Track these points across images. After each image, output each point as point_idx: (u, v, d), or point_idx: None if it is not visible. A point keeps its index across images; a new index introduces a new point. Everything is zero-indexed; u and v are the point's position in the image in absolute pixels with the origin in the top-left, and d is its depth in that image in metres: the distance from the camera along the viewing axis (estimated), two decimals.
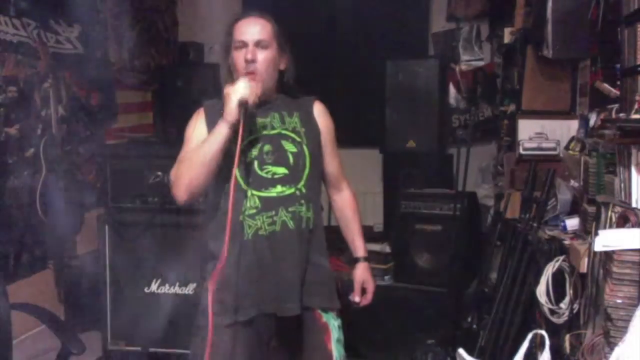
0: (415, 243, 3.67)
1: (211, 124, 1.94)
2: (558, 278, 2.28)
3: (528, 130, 3.05)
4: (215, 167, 1.87)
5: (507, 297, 2.72)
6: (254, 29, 1.95)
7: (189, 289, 3.24)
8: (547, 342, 1.99)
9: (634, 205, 1.82)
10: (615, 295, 1.75)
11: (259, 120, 1.98)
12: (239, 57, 1.94)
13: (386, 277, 3.78)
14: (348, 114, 4.66)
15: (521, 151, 3.02)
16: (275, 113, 2.01)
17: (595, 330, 1.96)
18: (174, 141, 3.70)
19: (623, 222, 1.82)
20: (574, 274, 2.17)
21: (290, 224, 1.93)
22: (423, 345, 3.19)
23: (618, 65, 2.15)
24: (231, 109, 1.83)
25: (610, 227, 1.90)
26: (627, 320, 1.65)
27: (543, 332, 2.05)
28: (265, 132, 1.97)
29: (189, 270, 3.19)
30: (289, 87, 2.08)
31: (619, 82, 2.16)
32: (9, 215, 3.44)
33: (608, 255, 1.81)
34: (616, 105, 2.16)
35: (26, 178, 3.55)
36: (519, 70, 3.25)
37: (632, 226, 1.76)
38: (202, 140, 1.90)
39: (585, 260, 2.01)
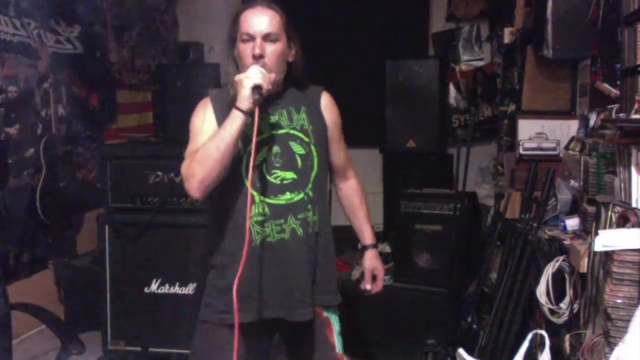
0: (415, 243, 3.66)
1: (220, 114, 1.87)
2: (558, 278, 2.28)
3: (528, 130, 3.05)
4: (230, 159, 1.80)
5: (507, 297, 2.72)
6: (262, 21, 1.85)
7: (189, 289, 3.24)
8: (547, 342, 2.00)
9: (634, 205, 1.82)
10: (615, 295, 1.75)
11: (266, 117, 1.91)
12: (246, 51, 1.85)
13: (386, 277, 3.75)
14: (348, 114, 4.65)
15: (521, 151, 3.02)
16: (283, 110, 1.94)
17: (595, 330, 1.96)
18: (174, 141, 3.71)
19: (623, 222, 1.82)
20: (574, 274, 2.17)
21: (300, 231, 1.91)
22: (423, 345, 3.18)
23: (618, 65, 2.15)
24: (245, 95, 1.76)
25: (610, 227, 1.89)
26: (627, 320, 1.66)
27: (543, 332, 2.06)
28: (273, 132, 1.91)
29: (189, 270, 3.19)
30: (297, 79, 2.00)
31: (619, 82, 2.15)
32: (9, 215, 3.44)
33: (608, 255, 1.81)
34: (616, 105, 2.16)
35: (26, 178, 3.55)
36: (519, 70, 3.25)
37: (632, 226, 1.76)
38: (214, 133, 1.83)
39: (585, 260, 2.01)
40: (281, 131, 1.92)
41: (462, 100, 5.03)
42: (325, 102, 2.05)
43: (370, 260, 2.19)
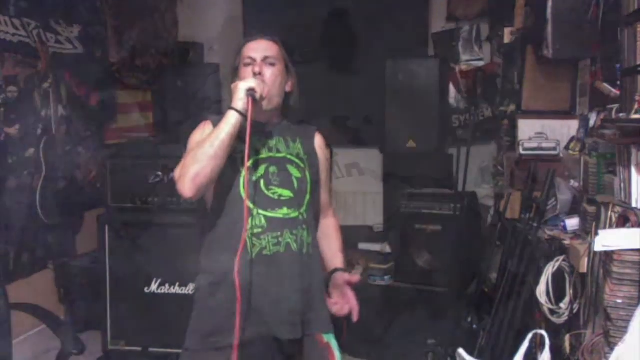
0: (415, 243, 3.67)
1: None
2: (558, 278, 2.28)
3: (528, 130, 3.05)
4: (223, 160, 1.84)
5: (507, 297, 2.72)
6: (262, 47, 2.02)
7: (189, 289, 3.24)
8: (547, 342, 1.99)
9: (634, 205, 1.82)
10: (615, 295, 1.75)
11: (265, 141, 2.00)
12: (247, 72, 1.98)
13: (386, 277, 3.78)
14: (348, 114, 4.68)
15: (521, 151, 3.02)
16: (280, 137, 2.04)
17: (595, 330, 1.96)
18: (173, 141, 3.71)
19: (623, 222, 1.82)
20: (574, 274, 2.17)
21: (294, 247, 1.93)
22: (423, 345, 3.19)
23: (618, 65, 2.15)
24: (239, 97, 1.86)
25: (610, 227, 1.90)
26: (627, 320, 1.66)
27: (543, 332, 2.05)
28: (270, 154, 2.00)
29: (189, 270, 3.18)
30: (293, 112, 2.12)
31: (619, 82, 2.16)
32: (9, 215, 3.44)
33: (608, 255, 1.81)
34: (616, 105, 2.16)
35: (26, 178, 3.55)
36: (519, 70, 3.25)
37: (632, 226, 1.76)
38: (209, 134, 1.88)
39: (585, 260, 2.01)
40: (279, 155, 2.01)
41: (462, 100, 5.02)
42: (319, 142, 2.16)
43: (345, 277, 2.14)
